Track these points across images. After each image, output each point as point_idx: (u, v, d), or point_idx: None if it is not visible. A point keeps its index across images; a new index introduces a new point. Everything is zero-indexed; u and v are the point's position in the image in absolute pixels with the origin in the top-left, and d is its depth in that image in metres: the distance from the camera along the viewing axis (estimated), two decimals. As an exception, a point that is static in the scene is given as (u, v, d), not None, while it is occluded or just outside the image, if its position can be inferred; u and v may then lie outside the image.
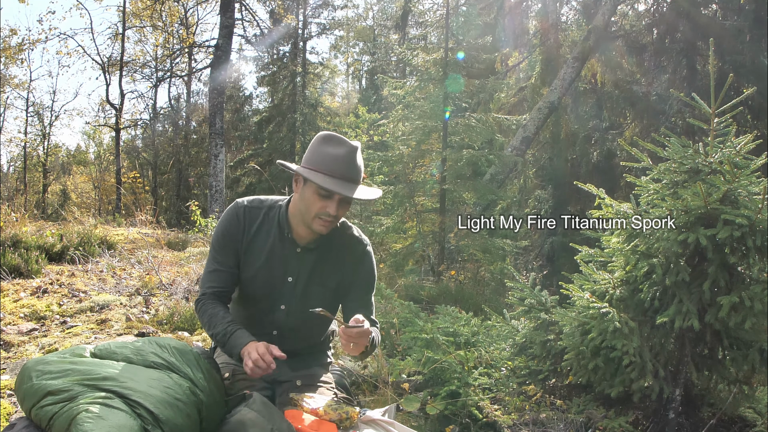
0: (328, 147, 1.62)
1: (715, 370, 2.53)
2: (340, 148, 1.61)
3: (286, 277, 1.73)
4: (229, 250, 1.72)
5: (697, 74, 8.32)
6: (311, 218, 1.64)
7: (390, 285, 5.24)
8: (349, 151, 1.61)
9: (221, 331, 1.63)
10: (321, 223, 1.64)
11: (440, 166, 6.43)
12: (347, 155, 1.61)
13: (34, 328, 3.57)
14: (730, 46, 7.73)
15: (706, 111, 2.64)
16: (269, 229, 1.73)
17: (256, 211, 1.75)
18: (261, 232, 1.73)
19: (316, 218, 1.63)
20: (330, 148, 1.61)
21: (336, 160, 1.59)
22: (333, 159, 1.59)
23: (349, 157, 1.61)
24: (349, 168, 1.61)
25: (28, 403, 1.37)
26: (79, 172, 24.79)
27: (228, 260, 1.73)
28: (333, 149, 1.61)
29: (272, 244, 1.72)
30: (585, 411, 2.52)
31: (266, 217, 1.74)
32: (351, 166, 1.61)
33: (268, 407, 1.44)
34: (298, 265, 1.73)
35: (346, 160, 1.60)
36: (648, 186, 2.61)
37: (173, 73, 20.53)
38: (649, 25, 9.45)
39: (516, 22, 11.28)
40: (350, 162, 1.61)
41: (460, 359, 2.87)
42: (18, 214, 7.54)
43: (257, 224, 1.73)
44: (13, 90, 19.71)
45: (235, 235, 1.72)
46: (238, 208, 1.75)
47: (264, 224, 1.74)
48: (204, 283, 1.75)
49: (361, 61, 27.58)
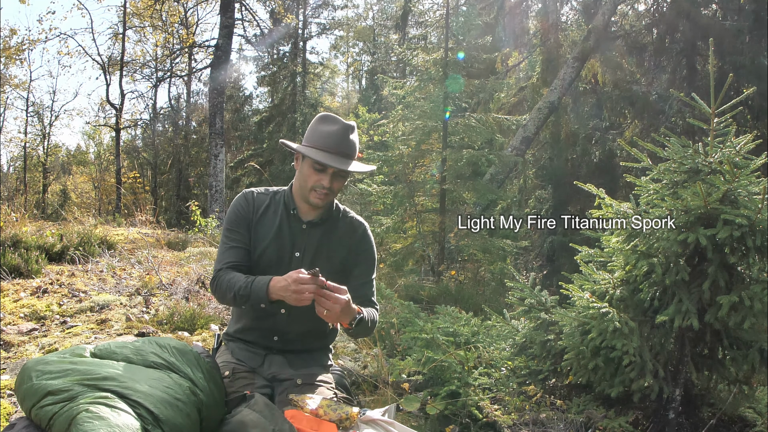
0: (323, 125, 1.74)
1: (715, 370, 2.53)
2: (334, 125, 1.73)
3: (294, 252, 1.80)
4: (242, 228, 1.81)
5: (697, 74, 8.32)
6: (308, 191, 1.74)
7: (390, 285, 5.24)
8: (342, 128, 1.73)
9: (242, 284, 1.66)
10: (317, 195, 1.73)
11: (440, 166, 6.43)
12: (340, 131, 1.72)
13: (34, 328, 3.57)
14: (730, 46, 7.74)
15: (706, 111, 2.64)
16: (276, 209, 1.83)
17: (263, 196, 1.86)
18: (269, 212, 1.83)
19: (312, 191, 1.73)
20: (325, 126, 1.74)
21: (330, 136, 1.71)
22: (327, 135, 1.71)
23: (342, 133, 1.72)
24: (341, 143, 1.72)
25: (28, 403, 1.37)
26: (79, 172, 24.81)
27: (242, 237, 1.80)
28: (327, 127, 1.73)
29: (280, 221, 1.81)
30: (585, 411, 2.52)
31: (273, 200, 1.85)
32: (344, 142, 1.72)
33: (270, 408, 1.44)
34: (305, 240, 1.81)
35: (339, 136, 1.71)
36: (648, 186, 2.61)
37: (173, 73, 20.54)
38: (649, 25, 9.46)
39: (516, 22, 11.29)
40: (343, 138, 1.72)
41: (460, 359, 2.87)
42: (18, 214, 7.54)
43: (265, 205, 1.84)
44: (13, 90, 19.74)
45: (246, 215, 1.81)
46: (247, 193, 1.86)
47: (271, 206, 1.84)
48: (219, 262, 1.79)
49: (361, 61, 27.59)
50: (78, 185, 23.68)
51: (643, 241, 2.46)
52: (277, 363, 1.80)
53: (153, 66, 19.96)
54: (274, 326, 1.80)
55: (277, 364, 1.79)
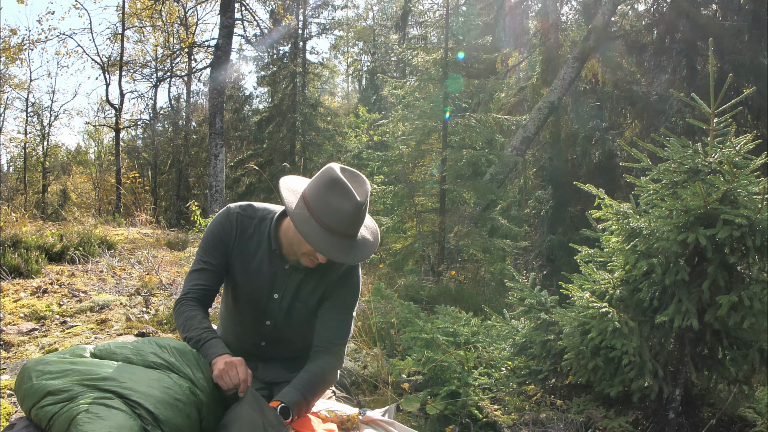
0: (333, 197, 1.49)
1: (715, 370, 2.53)
2: (346, 202, 1.48)
3: (272, 294, 1.70)
4: (218, 251, 1.69)
5: (697, 74, 8.31)
6: (300, 253, 1.60)
7: (390, 285, 5.24)
8: (355, 207, 1.48)
9: (195, 336, 1.58)
10: (309, 261, 1.60)
11: (440, 166, 6.43)
12: (352, 212, 1.49)
13: (34, 328, 3.57)
14: (730, 46, 7.73)
15: (705, 111, 2.64)
16: (259, 242, 1.69)
17: (248, 221, 1.70)
18: (251, 243, 1.69)
19: (304, 256, 1.59)
20: (335, 200, 1.48)
21: (338, 215, 1.48)
22: (335, 213, 1.48)
23: (354, 214, 1.49)
24: (351, 227, 1.51)
25: (28, 403, 1.37)
26: (79, 172, 24.80)
27: (216, 260, 1.69)
28: (339, 202, 1.48)
29: (261, 258, 1.68)
30: (585, 411, 2.52)
31: (257, 229, 1.70)
32: (353, 225, 1.52)
33: (258, 400, 1.44)
34: (284, 282, 1.69)
35: (349, 218, 1.49)
36: (648, 186, 2.61)
37: (173, 73, 20.53)
38: (649, 25, 9.45)
39: (516, 22, 11.29)
40: (354, 220, 1.51)
41: (460, 359, 2.87)
42: (18, 214, 7.53)
43: (248, 234, 1.70)
44: (12, 90, 19.73)
45: (226, 239, 1.69)
46: (230, 213, 1.71)
47: (255, 236, 1.69)
48: (188, 282, 1.70)
49: (361, 61, 27.58)
50: (78, 185, 23.69)
51: (643, 241, 2.46)
52: (273, 368, 1.79)
53: (153, 66, 19.97)
54: (260, 335, 1.78)
55: (273, 369, 1.79)
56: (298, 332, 1.76)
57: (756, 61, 7.45)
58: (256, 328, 1.76)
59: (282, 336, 1.76)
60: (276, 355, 1.80)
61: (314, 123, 19.12)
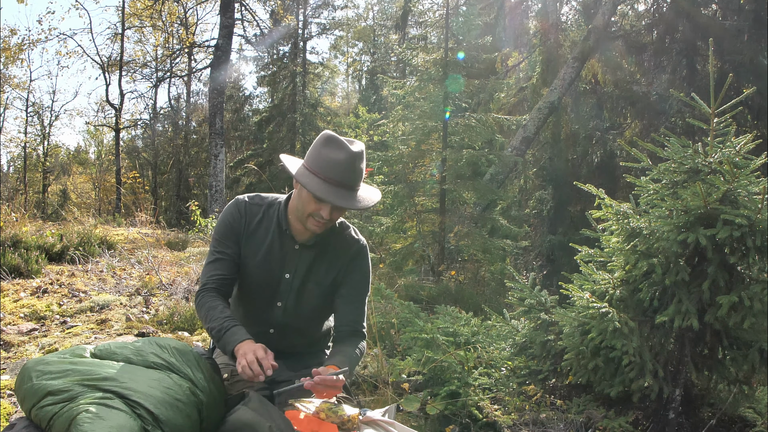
0: (328, 149, 1.59)
1: (715, 370, 2.53)
2: (339, 152, 1.58)
3: (284, 274, 1.74)
4: (230, 240, 1.74)
5: (697, 74, 8.32)
6: (305, 217, 1.65)
7: (390, 285, 5.23)
8: (349, 156, 1.58)
9: (217, 326, 1.62)
10: (315, 223, 1.64)
11: (440, 166, 6.43)
12: (346, 161, 1.58)
13: (34, 328, 3.57)
14: (730, 46, 7.73)
15: (705, 111, 2.64)
16: (268, 226, 1.75)
17: (256, 208, 1.76)
18: (261, 227, 1.75)
19: (310, 218, 1.64)
20: (330, 151, 1.58)
21: (335, 165, 1.57)
22: (331, 164, 1.57)
23: (348, 162, 1.58)
24: (346, 174, 1.58)
25: (28, 403, 1.37)
26: (79, 172, 24.82)
27: (230, 249, 1.73)
28: (333, 153, 1.58)
29: (271, 240, 1.73)
30: (585, 411, 2.52)
31: (266, 214, 1.76)
32: (349, 173, 1.59)
33: (265, 405, 1.44)
34: (295, 261, 1.74)
35: (344, 166, 1.58)
36: (648, 186, 2.61)
37: (173, 73, 20.55)
38: (649, 25, 9.46)
39: (516, 22, 11.29)
40: (348, 168, 1.58)
41: (460, 359, 2.87)
42: (18, 214, 7.53)
43: (257, 219, 1.75)
44: (12, 90, 19.74)
45: (237, 227, 1.74)
46: (239, 202, 1.77)
47: (264, 220, 1.75)
48: (205, 274, 1.74)
49: (360, 61, 27.57)
50: (78, 185, 23.70)
51: (643, 241, 2.46)
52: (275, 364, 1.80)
53: (153, 66, 19.98)
54: (270, 320, 1.80)
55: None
56: (307, 321, 1.79)
57: (756, 61, 7.45)
58: (266, 313, 1.78)
59: (291, 323, 1.78)
60: (282, 347, 1.80)
61: (314, 123, 19.13)
